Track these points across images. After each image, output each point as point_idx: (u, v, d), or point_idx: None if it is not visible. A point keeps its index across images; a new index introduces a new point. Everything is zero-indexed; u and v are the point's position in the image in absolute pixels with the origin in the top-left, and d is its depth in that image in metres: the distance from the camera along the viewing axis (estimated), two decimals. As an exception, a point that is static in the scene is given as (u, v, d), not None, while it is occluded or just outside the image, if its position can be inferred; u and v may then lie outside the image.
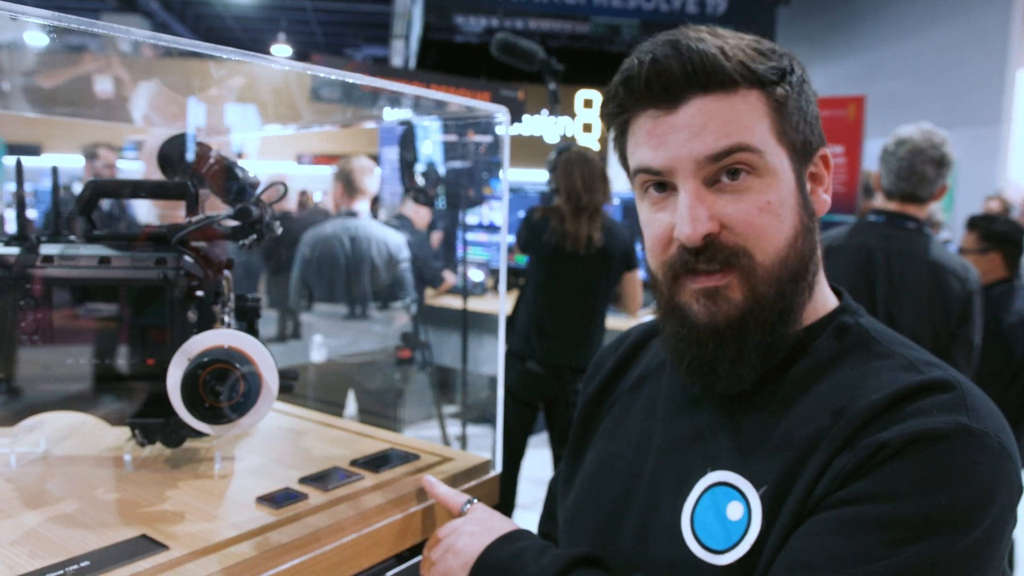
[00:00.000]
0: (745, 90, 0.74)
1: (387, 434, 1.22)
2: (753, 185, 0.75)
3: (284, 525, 0.87)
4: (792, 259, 0.76)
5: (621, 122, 0.82)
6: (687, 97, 0.74)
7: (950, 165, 2.22)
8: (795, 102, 0.77)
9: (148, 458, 1.05)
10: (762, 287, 0.75)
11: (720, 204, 0.75)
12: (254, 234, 1.02)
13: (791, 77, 0.77)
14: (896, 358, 0.76)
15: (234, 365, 0.87)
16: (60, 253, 0.98)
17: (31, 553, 0.78)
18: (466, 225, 3.51)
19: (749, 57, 0.75)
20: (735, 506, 0.74)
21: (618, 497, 0.87)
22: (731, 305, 0.76)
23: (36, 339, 0.96)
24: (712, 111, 0.74)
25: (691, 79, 0.74)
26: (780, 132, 0.76)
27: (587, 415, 0.99)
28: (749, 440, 0.77)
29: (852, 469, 0.69)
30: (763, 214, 0.75)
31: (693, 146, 0.74)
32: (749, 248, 0.75)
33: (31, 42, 1.01)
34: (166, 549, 0.79)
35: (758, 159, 0.74)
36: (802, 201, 0.78)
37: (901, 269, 2.17)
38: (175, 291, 0.97)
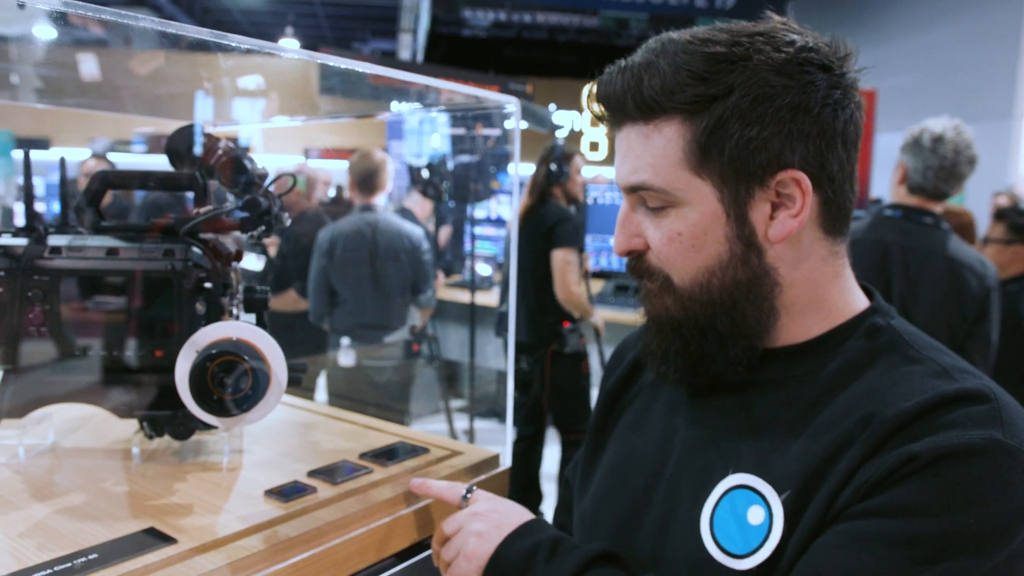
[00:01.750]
0: (663, 119, 0.73)
1: (396, 427, 1.22)
2: (668, 215, 0.76)
3: (292, 519, 0.87)
4: (716, 286, 0.75)
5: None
6: (623, 122, 0.77)
7: (977, 163, 2.21)
8: (728, 128, 0.71)
9: (156, 450, 1.05)
10: (687, 304, 0.77)
11: (644, 226, 0.78)
12: (262, 225, 1.01)
13: (726, 100, 0.71)
14: (928, 363, 0.74)
15: (243, 357, 0.86)
16: (68, 244, 0.97)
17: (39, 545, 0.77)
18: (474, 219, 3.49)
19: (679, 82, 0.71)
20: (756, 510, 0.72)
21: (638, 494, 0.85)
22: (660, 306, 0.79)
23: (44, 331, 0.96)
24: (632, 140, 0.76)
25: (624, 105, 0.75)
26: (699, 162, 0.72)
27: (607, 408, 0.98)
28: (772, 443, 0.75)
29: (878, 480, 0.66)
30: (672, 244, 0.76)
31: (620, 171, 0.78)
32: (667, 272, 0.78)
33: (42, 35, 1.01)
34: (174, 542, 0.79)
35: (664, 197, 0.75)
36: (735, 231, 0.74)
37: (918, 264, 2.15)
38: (183, 283, 0.96)
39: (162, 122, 2.27)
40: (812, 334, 0.79)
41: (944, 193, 2.22)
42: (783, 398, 0.77)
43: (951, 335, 2.11)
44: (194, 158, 1.10)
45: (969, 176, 2.23)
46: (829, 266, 0.79)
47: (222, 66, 1.18)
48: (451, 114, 2.76)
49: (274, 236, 2.76)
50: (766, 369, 0.79)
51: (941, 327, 2.11)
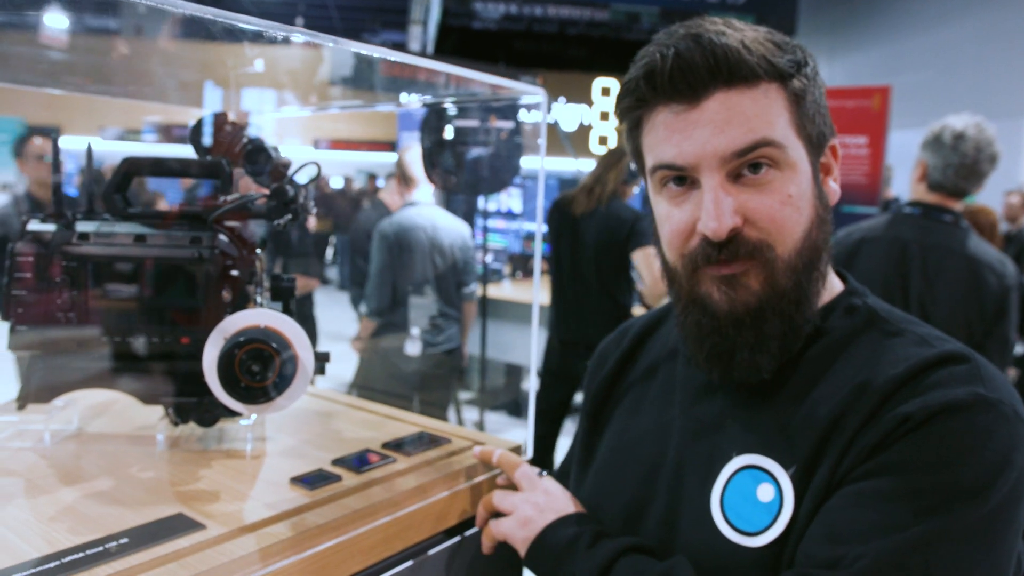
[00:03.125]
0: (766, 84, 0.75)
1: (416, 417, 1.22)
2: (774, 179, 0.75)
3: (319, 506, 0.87)
4: (807, 250, 0.78)
5: (635, 118, 0.82)
6: (710, 92, 0.74)
7: (998, 161, 2.19)
8: (811, 94, 0.78)
9: (180, 437, 1.05)
10: (780, 278, 0.77)
11: (743, 198, 0.76)
12: (289, 214, 1.01)
13: (806, 69, 0.78)
14: (907, 335, 0.79)
15: (271, 345, 0.86)
16: (96, 231, 0.97)
17: (70, 529, 0.78)
18: (487, 212, 3.48)
19: (768, 50, 0.75)
20: (766, 488, 0.75)
21: (640, 486, 0.87)
22: (749, 292, 0.77)
23: (71, 316, 0.96)
24: (735, 106, 0.74)
25: (715, 73, 0.74)
26: (798, 125, 0.77)
27: (596, 408, 1.00)
28: (773, 422, 0.78)
29: (876, 442, 0.70)
30: (784, 207, 0.76)
31: (718, 141, 0.74)
32: (771, 242, 0.76)
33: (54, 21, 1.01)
34: (204, 528, 0.79)
35: (780, 153, 0.75)
36: (817, 192, 0.80)
37: (936, 263, 2.14)
38: (210, 270, 0.96)
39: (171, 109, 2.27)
40: (802, 331, 0.82)
41: (964, 191, 2.21)
42: (781, 380, 0.80)
43: (969, 333, 2.10)
44: (219, 146, 1.10)
45: (990, 174, 2.22)
46: (827, 264, 0.84)
47: (235, 55, 1.18)
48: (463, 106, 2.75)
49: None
50: None
51: (959, 325, 2.11)
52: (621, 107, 0.82)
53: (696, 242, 0.78)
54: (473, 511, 1.01)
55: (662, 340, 0.98)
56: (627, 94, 0.80)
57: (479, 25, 10.86)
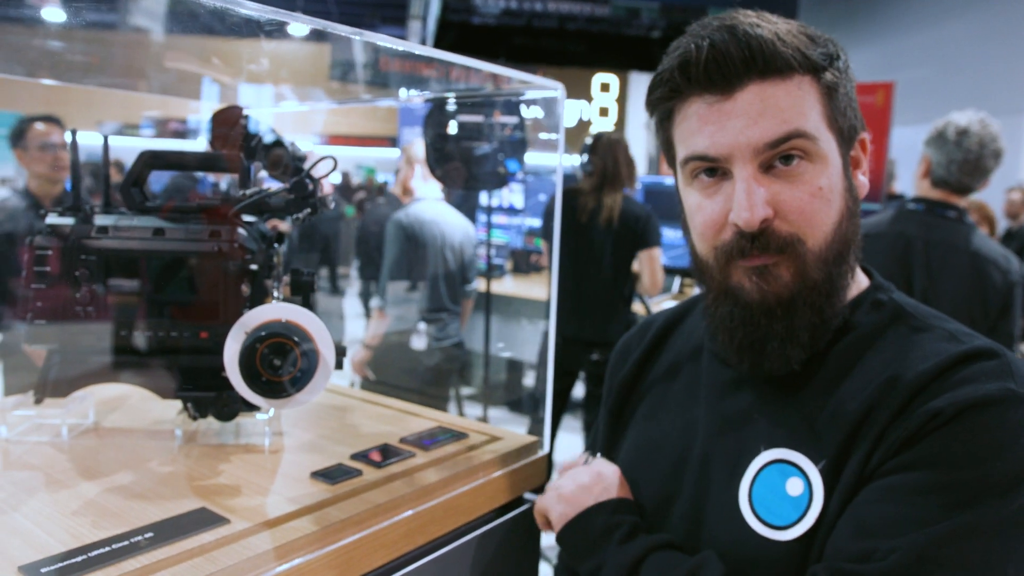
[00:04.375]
0: (800, 76, 0.75)
1: (432, 412, 1.22)
2: (806, 171, 0.76)
3: (341, 501, 0.87)
4: (838, 243, 0.78)
5: (667, 109, 0.82)
6: (744, 83, 0.75)
7: (1002, 157, 2.19)
8: (843, 87, 0.78)
9: (197, 432, 1.05)
10: (811, 270, 0.77)
11: (775, 189, 0.76)
12: (308, 208, 1.01)
13: (838, 63, 0.78)
14: (935, 331, 0.79)
15: (292, 339, 0.86)
16: (115, 224, 0.97)
17: (93, 523, 0.78)
18: (490, 207, 3.48)
19: (802, 43, 0.75)
20: (795, 482, 0.76)
21: (665, 482, 0.87)
22: (781, 284, 0.77)
23: (90, 311, 0.96)
24: (769, 97, 0.74)
25: (749, 65, 0.74)
26: (830, 118, 0.77)
27: (619, 405, 1.00)
28: (801, 417, 0.78)
29: (907, 437, 0.70)
30: (815, 200, 0.76)
31: (751, 133, 0.74)
32: (801, 235, 0.76)
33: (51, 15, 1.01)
34: (227, 522, 0.79)
35: (812, 145, 0.75)
36: (847, 185, 0.80)
37: (940, 258, 2.14)
38: (229, 264, 0.96)
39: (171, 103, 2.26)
40: (832, 324, 0.82)
41: (968, 187, 2.21)
42: (808, 374, 0.80)
43: (973, 329, 2.10)
44: (234, 140, 1.10)
45: (994, 170, 2.22)
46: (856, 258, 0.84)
47: (233, 50, 1.18)
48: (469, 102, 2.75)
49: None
50: None
51: (963, 321, 2.10)
52: (653, 98, 0.81)
53: (729, 234, 0.78)
54: (491, 505, 1.01)
55: (685, 336, 0.97)
56: (660, 84, 0.80)
57: (478, 20, 10.84)
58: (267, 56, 1.25)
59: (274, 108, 1.76)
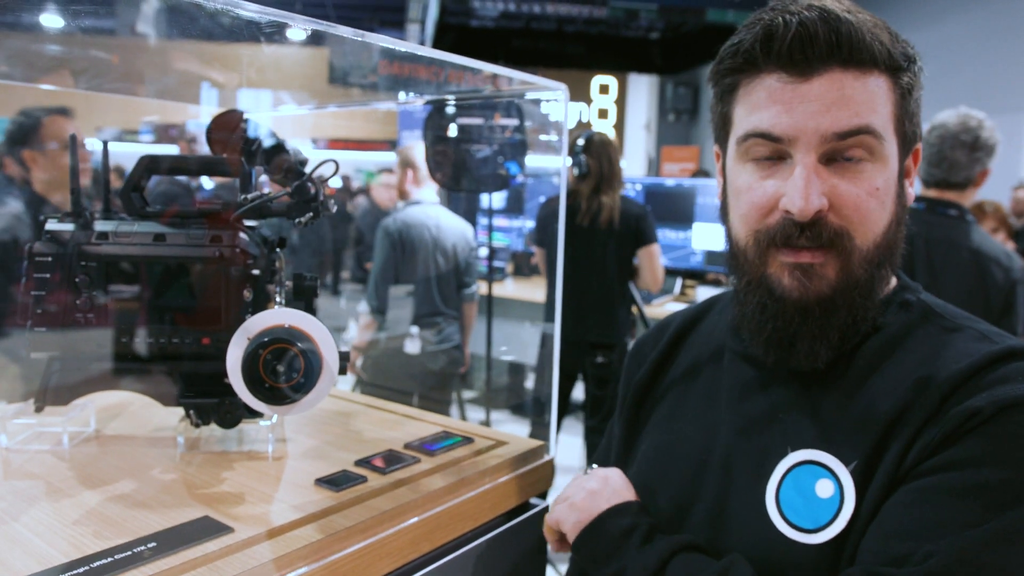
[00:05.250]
0: (879, 72, 0.74)
1: (435, 417, 1.21)
2: (866, 169, 0.74)
3: (346, 508, 0.86)
4: (885, 246, 0.77)
5: (733, 82, 0.79)
6: (824, 69, 0.73)
7: (987, 149, 2.17)
8: (916, 93, 0.77)
9: (199, 439, 1.04)
10: (857, 269, 0.75)
11: (833, 182, 0.74)
12: (310, 212, 1.00)
13: (915, 66, 0.77)
14: (967, 330, 0.77)
15: (295, 344, 0.85)
16: (115, 230, 0.96)
17: (95, 533, 0.77)
18: (491, 210, 3.46)
19: (887, 39, 0.74)
20: (825, 484, 0.74)
21: (686, 484, 0.85)
22: (824, 283, 0.76)
23: (91, 317, 0.95)
24: (847, 87, 0.73)
25: (834, 51, 0.72)
26: (898, 120, 0.76)
27: (635, 407, 0.98)
28: (829, 417, 0.77)
29: (943, 438, 0.69)
30: (871, 199, 0.75)
31: (822, 120, 0.73)
32: (851, 231, 0.75)
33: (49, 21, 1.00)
34: (231, 531, 0.78)
35: (877, 144, 0.74)
36: (900, 192, 0.79)
37: (942, 257, 2.13)
38: (231, 269, 0.95)
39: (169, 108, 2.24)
40: (863, 326, 0.81)
41: (946, 180, 2.20)
42: (835, 375, 0.79)
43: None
44: (235, 144, 1.09)
45: (969, 161, 2.18)
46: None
47: (232, 54, 1.17)
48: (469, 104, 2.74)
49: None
50: None
51: (967, 320, 2.10)
52: (724, 67, 0.79)
53: (775, 219, 0.76)
54: (498, 510, 1.00)
55: (705, 336, 0.95)
56: (735, 55, 0.77)
57: (477, 23, 10.83)
58: (266, 60, 1.24)
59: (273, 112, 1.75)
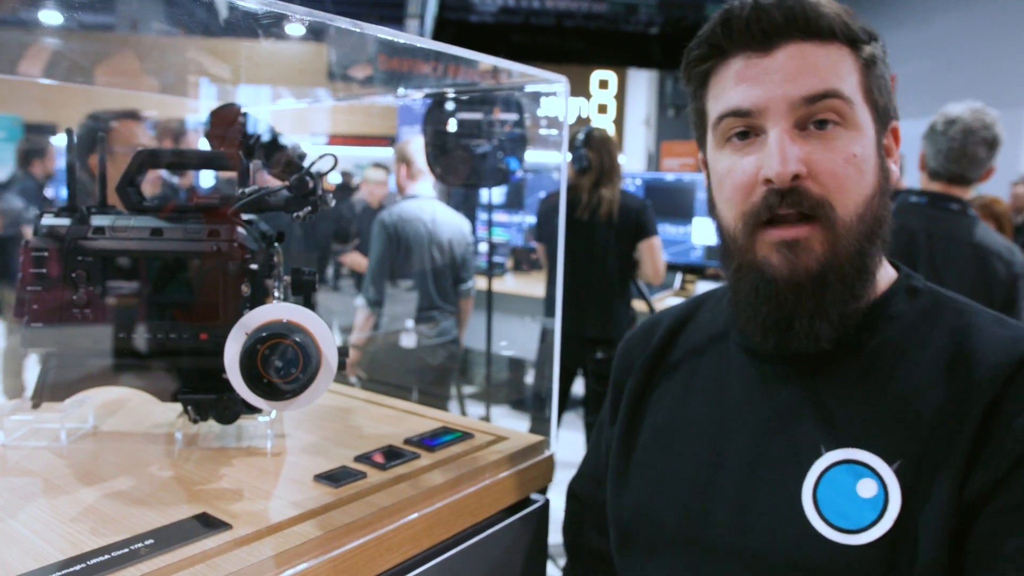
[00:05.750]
0: (839, 44, 0.76)
1: (435, 412, 1.20)
2: (841, 136, 0.75)
3: (345, 504, 0.85)
4: (869, 217, 0.77)
5: (704, 71, 0.81)
6: (784, 42, 0.75)
7: (999, 146, 2.17)
8: (880, 66, 0.79)
9: (197, 435, 1.03)
10: (842, 241, 0.75)
11: (808, 149, 0.75)
12: (308, 206, 0.99)
13: (877, 43, 0.79)
14: (983, 315, 0.77)
15: (294, 340, 0.84)
16: (111, 224, 0.95)
17: (92, 530, 0.76)
18: (491, 205, 3.46)
19: (845, 14, 0.77)
20: (867, 483, 0.72)
21: (698, 487, 0.82)
22: (811, 257, 0.75)
23: (88, 313, 0.94)
24: (808, 56, 0.75)
25: (791, 24, 0.75)
26: (867, 90, 0.77)
27: (632, 410, 0.94)
28: (862, 413, 0.75)
29: (1020, 453, 0.66)
30: (848, 165, 0.75)
31: (788, 87, 0.74)
32: (831, 200, 0.75)
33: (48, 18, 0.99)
34: (229, 528, 0.77)
35: (848, 109, 0.75)
36: (881, 164, 0.79)
37: (944, 251, 2.12)
38: (229, 264, 0.94)
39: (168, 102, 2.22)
40: (862, 304, 0.80)
41: (960, 176, 2.20)
42: (856, 368, 0.77)
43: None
44: (233, 138, 1.08)
45: (988, 158, 2.20)
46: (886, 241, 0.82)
47: (231, 48, 1.16)
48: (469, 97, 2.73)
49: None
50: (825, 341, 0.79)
51: (969, 314, 2.09)
52: (692, 57, 0.81)
53: (759, 195, 0.76)
54: (498, 505, 0.99)
55: (698, 334, 0.93)
56: (700, 44, 0.80)
57: (476, 18, 10.82)
58: (266, 55, 1.23)
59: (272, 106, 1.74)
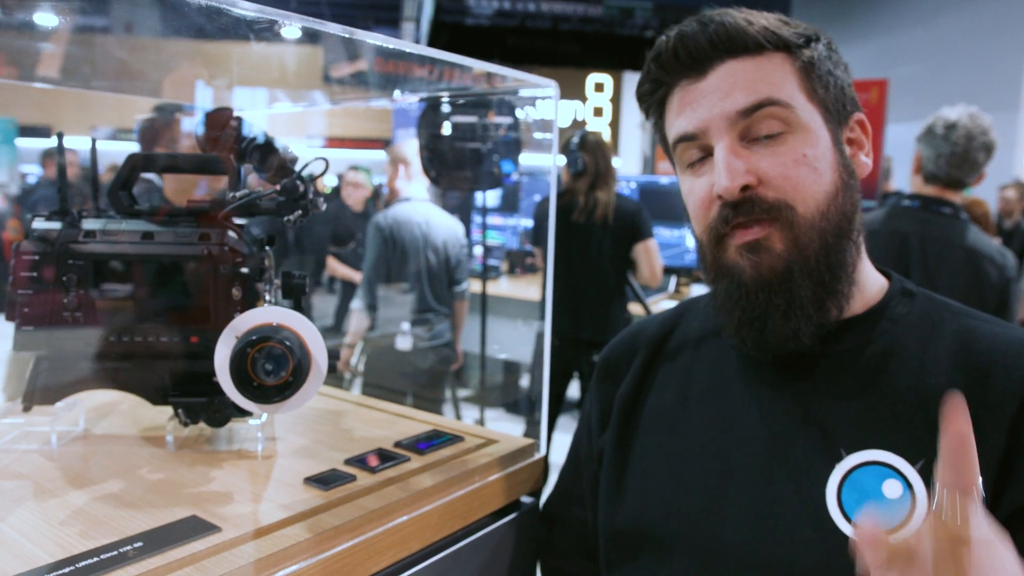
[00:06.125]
0: (771, 52, 0.77)
1: (426, 415, 1.20)
2: (787, 140, 0.76)
3: (334, 507, 0.85)
4: (833, 213, 0.77)
5: (658, 102, 0.84)
6: (714, 63, 0.77)
7: (995, 151, 2.19)
8: (823, 65, 0.79)
9: (189, 437, 1.03)
10: (804, 238, 0.76)
11: (755, 159, 0.76)
12: (299, 210, 0.99)
13: (816, 44, 0.79)
14: (977, 317, 0.79)
15: (284, 343, 0.84)
16: (102, 228, 0.95)
17: (82, 533, 0.76)
18: (485, 208, 3.47)
19: (773, 24, 0.78)
20: (892, 484, 0.72)
21: (709, 492, 0.82)
22: (773, 255, 0.76)
23: (78, 316, 0.94)
24: (739, 72, 0.77)
25: (716, 46, 0.77)
26: (810, 91, 0.78)
27: (623, 423, 0.93)
28: (877, 414, 0.76)
29: None
30: (799, 166, 0.76)
31: (723, 104, 0.76)
32: (788, 201, 0.76)
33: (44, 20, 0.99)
34: (218, 530, 0.77)
35: (789, 113, 0.76)
36: (841, 160, 0.79)
37: (936, 255, 2.13)
38: (220, 267, 0.95)
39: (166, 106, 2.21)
40: (856, 310, 0.82)
41: (959, 181, 2.21)
42: (864, 371, 0.78)
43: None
44: (225, 142, 1.08)
45: (985, 163, 2.22)
46: (862, 235, 0.83)
47: (225, 52, 1.17)
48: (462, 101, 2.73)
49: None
50: (826, 345, 0.80)
51: (961, 318, 2.11)
52: (640, 94, 0.84)
53: (715, 211, 0.78)
54: (488, 508, 1.00)
55: (687, 344, 0.93)
56: (643, 81, 0.83)
57: (472, 21, 10.83)
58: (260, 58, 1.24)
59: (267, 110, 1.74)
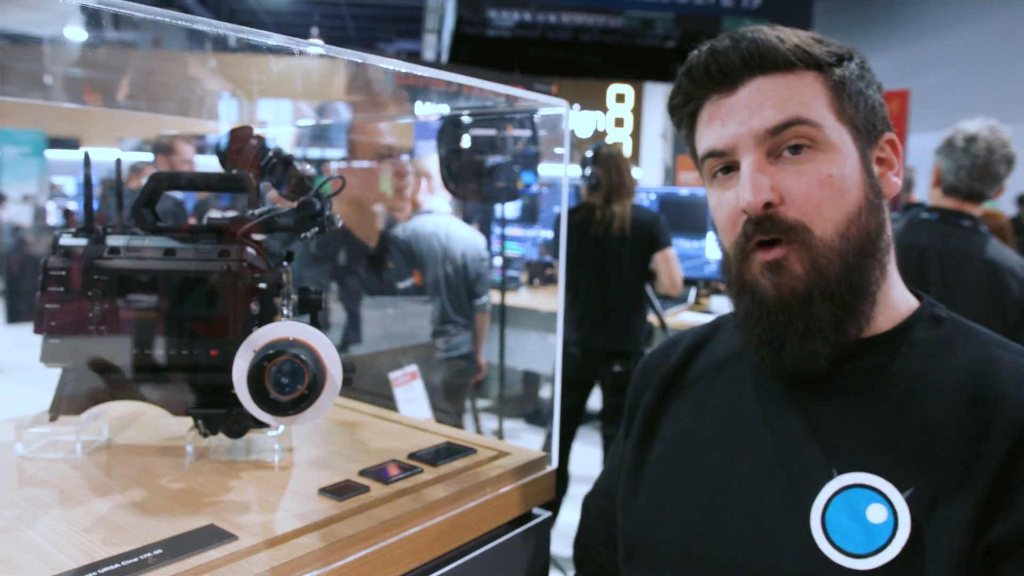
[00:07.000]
0: (802, 71, 0.77)
1: (440, 427, 1.22)
2: (814, 159, 0.76)
3: (348, 517, 0.87)
4: (855, 234, 0.77)
5: (689, 115, 0.85)
6: (745, 79, 0.78)
7: (1015, 163, 2.18)
8: (855, 84, 0.79)
9: (208, 448, 1.06)
10: (822, 260, 0.76)
11: (780, 176, 0.77)
12: (316, 227, 1.02)
13: (849, 63, 0.79)
14: (1009, 347, 0.77)
15: (299, 357, 0.87)
16: (126, 244, 0.99)
17: (104, 540, 0.79)
18: (504, 220, 3.49)
19: (805, 43, 0.78)
20: (877, 509, 0.72)
21: (705, 503, 0.84)
22: (793, 278, 0.77)
23: (103, 329, 0.97)
24: (770, 89, 0.77)
25: (748, 61, 0.77)
26: (839, 111, 0.78)
27: (647, 425, 0.96)
28: (876, 438, 0.75)
29: None
30: (823, 187, 0.76)
31: (752, 122, 0.77)
32: (807, 223, 0.76)
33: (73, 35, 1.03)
34: (235, 539, 0.80)
35: (817, 132, 0.76)
36: (868, 180, 0.79)
37: (956, 268, 2.12)
38: (238, 283, 0.97)
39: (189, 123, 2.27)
40: (880, 329, 0.81)
41: (979, 193, 2.20)
42: (872, 393, 0.78)
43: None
44: (244, 159, 1.11)
45: (1006, 176, 2.20)
46: (889, 253, 0.82)
47: (251, 66, 1.20)
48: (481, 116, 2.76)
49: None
50: (843, 364, 0.80)
51: (981, 332, 2.09)
52: (672, 108, 0.85)
53: (740, 225, 0.79)
54: (499, 520, 1.01)
55: (716, 356, 0.95)
56: (674, 95, 0.84)
57: (493, 33, 10.89)
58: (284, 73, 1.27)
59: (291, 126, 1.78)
